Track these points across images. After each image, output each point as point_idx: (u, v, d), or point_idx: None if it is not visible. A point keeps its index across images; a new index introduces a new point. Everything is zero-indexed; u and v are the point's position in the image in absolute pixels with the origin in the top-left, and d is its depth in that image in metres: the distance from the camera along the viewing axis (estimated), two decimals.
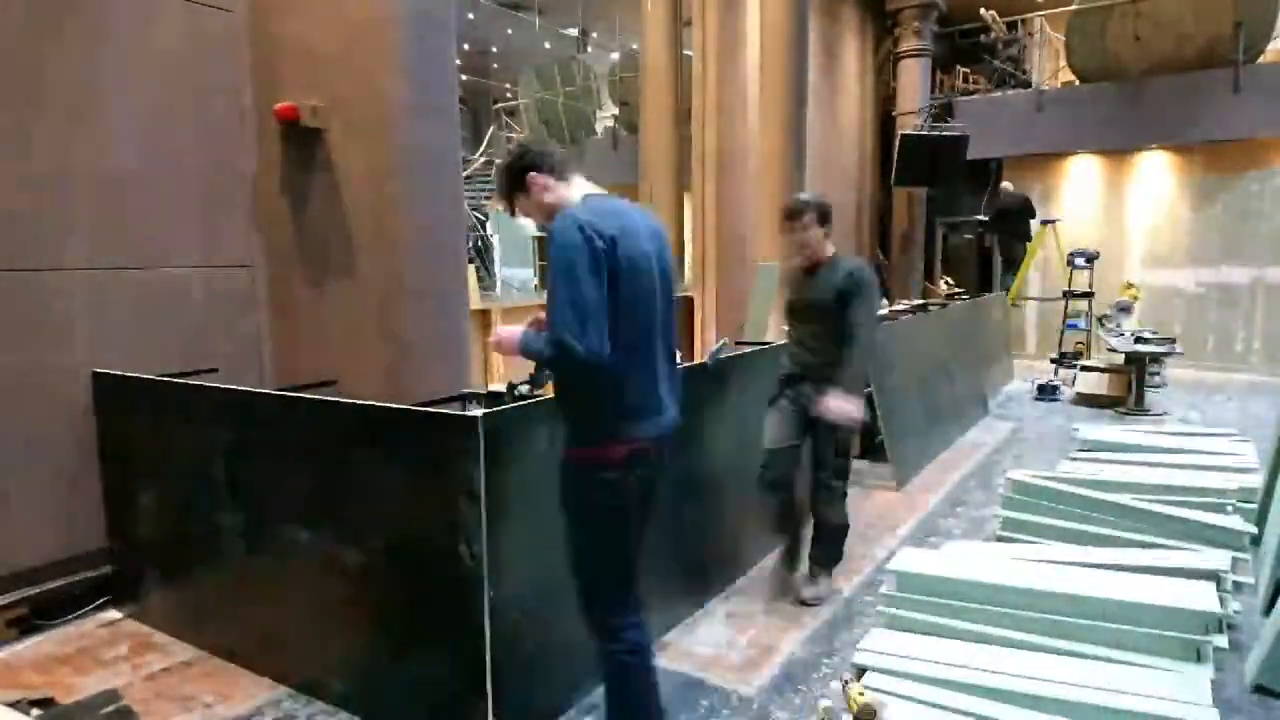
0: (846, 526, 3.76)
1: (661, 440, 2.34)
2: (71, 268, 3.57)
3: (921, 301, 8.28)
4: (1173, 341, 8.26)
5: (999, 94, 12.10)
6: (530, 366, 2.58)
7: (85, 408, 3.61)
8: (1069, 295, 9.95)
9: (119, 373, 3.58)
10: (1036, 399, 8.63)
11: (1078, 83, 11.63)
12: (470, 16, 8.71)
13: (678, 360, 2.47)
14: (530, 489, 2.53)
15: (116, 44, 3.71)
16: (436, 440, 2.45)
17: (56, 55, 3.50)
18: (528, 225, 15.10)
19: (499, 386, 3.95)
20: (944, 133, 11.41)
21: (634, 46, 10.71)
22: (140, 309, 3.82)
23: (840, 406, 3.31)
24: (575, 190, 2.34)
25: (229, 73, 4.19)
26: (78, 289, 3.59)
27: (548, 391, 2.56)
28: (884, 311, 6.77)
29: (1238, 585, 3.59)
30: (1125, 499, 4.21)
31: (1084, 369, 8.62)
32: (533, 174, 2.32)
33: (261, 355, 4.37)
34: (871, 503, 5.14)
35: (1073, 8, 11.92)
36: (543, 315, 2.24)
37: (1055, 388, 8.75)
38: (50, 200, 3.49)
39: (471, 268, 7.59)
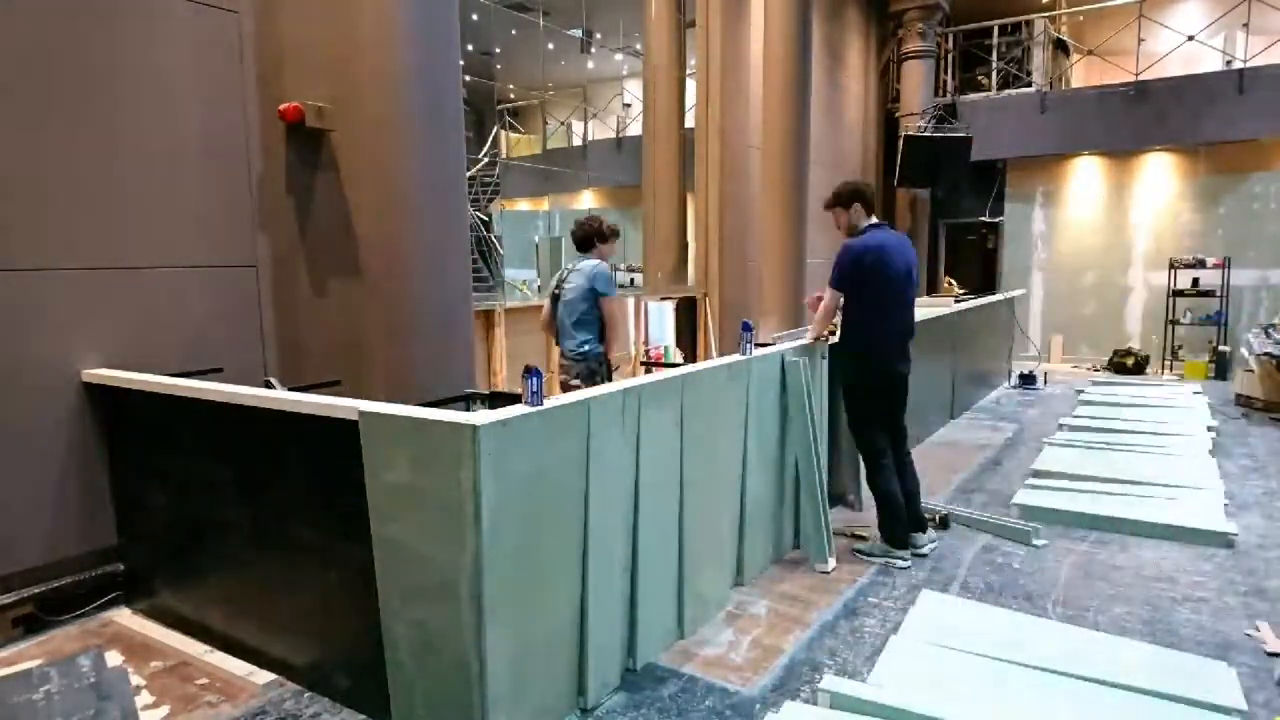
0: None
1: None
2: (76, 267, 3.58)
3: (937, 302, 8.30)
4: None
5: (1002, 95, 12.09)
6: None
7: (91, 406, 3.63)
8: None
9: (124, 372, 3.59)
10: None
11: (1081, 83, 11.63)
12: (474, 18, 8.72)
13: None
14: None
15: (121, 43, 3.72)
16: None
17: (62, 54, 3.52)
18: (532, 227, 15.03)
19: (501, 388, 3.95)
20: (947, 134, 11.41)
21: (638, 48, 10.71)
22: (145, 308, 3.84)
23: None
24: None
25: (233, 73, 4.21)
26: (81, 287, 3.61)
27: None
28: None
29: None
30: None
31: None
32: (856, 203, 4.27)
33: (265, 355, 4.38)
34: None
35: (1075, 9, 11.94)
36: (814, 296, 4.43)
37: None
38: (56, 199, 3.51)
39: (475, 268, 7.59)
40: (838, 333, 4.42)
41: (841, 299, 4.22)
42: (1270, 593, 3.75)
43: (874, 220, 4.26)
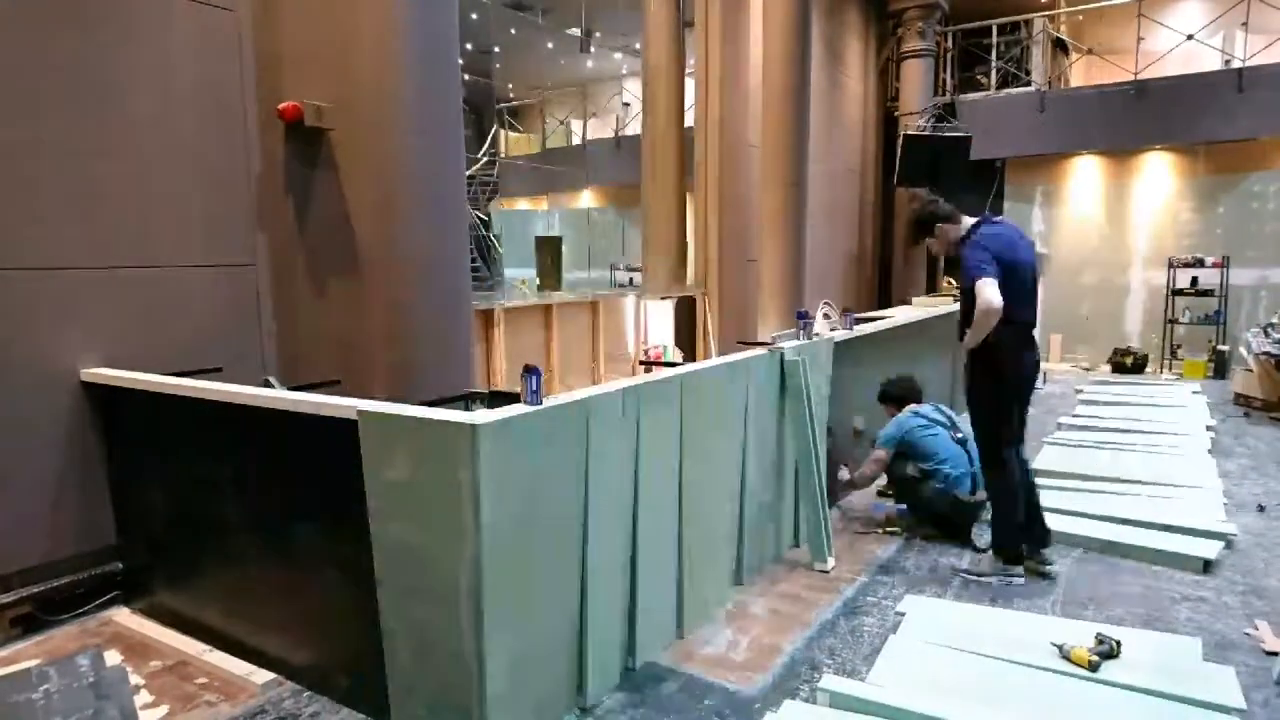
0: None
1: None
2: (75, 266, 3.58)
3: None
4: None
5: (1002, 94, 12.09)
6: None
7: (90, 406, 3.63)
8: None
9: (123, 372, 3.59)
10: None
11: (1080, 82, 11.63)
12: (474, 17, 8.72)
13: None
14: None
15: (119, 42, 3.72)
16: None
17: (60, 53, 3.51)
18: (531, 226, 15.04)
19: (501, 387, 3.96)
20: (947, 133, 11.41)
21: (637, 46, 10.71)
22: (144, 307, 3.83)
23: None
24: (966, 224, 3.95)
25: (232, 72, 4.20)
26: (80, 287, 3.60)
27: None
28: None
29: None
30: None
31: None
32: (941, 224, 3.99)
33: (265, 354, 4.38)
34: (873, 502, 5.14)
35: (1075, 9, 11.94)
36: None
37: None
38: (54, 199, 3.50)
39: (474, 268, 7.59)
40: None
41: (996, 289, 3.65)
42: (1269, 592, 3.75)
43: (972, 219, 3.94)
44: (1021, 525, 3.92)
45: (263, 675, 3.02)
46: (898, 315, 7.48)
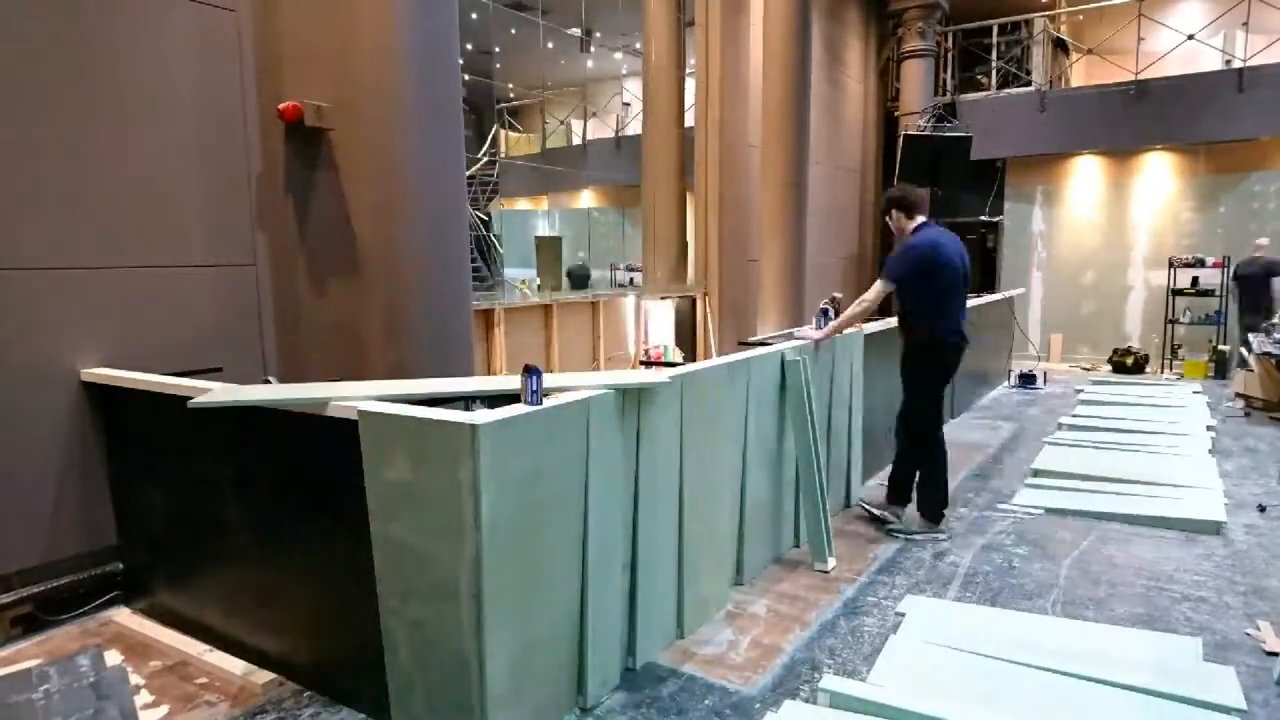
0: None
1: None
2: (76, 266, 3.57)
3: None
4: None
5: (1002, 94, 12.08)
6: None
7: (90, 405, 3.63)
8: None
9: (123, 372, 3.59)
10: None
11: (1081, 82, 11.63)
12: (474, 16, 8.73)
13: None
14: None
15: (120, 42, 3.72)
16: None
17: (60, 53, 3.51)
18: (531, 226, 15.01)
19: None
20: (947, 133, 11.41)
21: (637, 46, 10.72)
22: (144, 308, 3.83)
23: None
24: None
25: (232, 72, 4.20)
26: (80, 287, 3.60)
27: None
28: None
29: None
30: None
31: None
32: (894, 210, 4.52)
33: (265, 354, 4.38)
34: None
35: (1075, 9, 11.93)
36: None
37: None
38: (54, 199, 3.50)
39: (474, 268, 7.58)
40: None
41: (888, 292, 4.45)
42: (1270, 593, 3.75)
43: (921, 220, 4.48)
44: (945, 494, 4.62)
45: (263, 675, 3.02)
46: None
